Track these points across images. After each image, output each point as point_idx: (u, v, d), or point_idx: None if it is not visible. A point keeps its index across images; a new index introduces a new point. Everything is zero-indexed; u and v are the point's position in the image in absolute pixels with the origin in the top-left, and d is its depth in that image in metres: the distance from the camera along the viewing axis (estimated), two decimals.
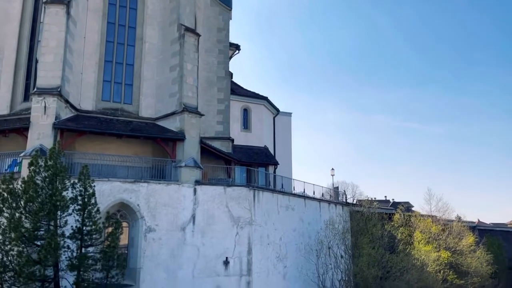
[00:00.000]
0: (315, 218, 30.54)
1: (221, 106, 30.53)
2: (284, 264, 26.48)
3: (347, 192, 46.46)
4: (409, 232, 35.90)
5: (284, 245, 26.83)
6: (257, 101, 34.97)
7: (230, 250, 23.60)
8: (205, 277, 22.77)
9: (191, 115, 25.45)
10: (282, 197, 27.66)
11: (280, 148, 36.75)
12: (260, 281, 24.04)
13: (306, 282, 27.58)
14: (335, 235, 29.17)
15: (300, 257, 27.73)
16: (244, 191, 24.74)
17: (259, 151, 33.32)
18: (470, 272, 36.36)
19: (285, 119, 38.37)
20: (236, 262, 23.49)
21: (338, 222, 30.57)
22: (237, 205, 24.32)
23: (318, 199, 31.99)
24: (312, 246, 28.29)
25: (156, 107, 26.73)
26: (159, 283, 21.70)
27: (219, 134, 30.04)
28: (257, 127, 34.38)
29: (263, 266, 24.58)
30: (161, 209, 22.64)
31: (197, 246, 23.04)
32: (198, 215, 23.47)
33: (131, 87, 26.89)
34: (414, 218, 38.86)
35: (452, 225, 40.97)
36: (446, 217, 43.08)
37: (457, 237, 39.25)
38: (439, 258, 33.48)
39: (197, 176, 24.22)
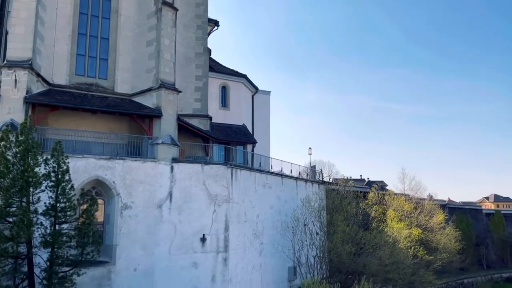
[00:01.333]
0: (292, 196, 30.92)
1: (199, 83, 30.10)
2: (260, 240, 26.83)
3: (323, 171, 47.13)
4: (383, 210, 36.99)
5: (261, 222, 27.13)
6: (236, 79, 34.66)
7: (207, 227, 23.69)
8: (182, 253, 22.87)
9: (168, 91, 25.03)
10: (259, 175, 27.79)
11: (258, 127, 36.72)
12: (237, 257, 24.33)
13: (281, 258, 28.11)
14: (311, 213, 29.70)
15: (276, 234, 28.14)
16: (222, 169, 24.72)
17: (237, 129, 33.22)
18: (439, 248, 37.88)
19: (264, 98, 38.22)
20: (213, 239, 23.65)
21: (314, 200, 31.10)
22: (214, 183, 24.31)
23: (295, 178, 32.31)
24: (288, 224, 28.74)
25: (132, 82, 26.14)
26: (136, 260, 21.68)
27: (197, 111, 29.71)
28: (236, 105, 34.16)
29: (240, 242, 24.83)
30: (137, 186, 22.43)
31: (174, 223, 23.03)
32: (175, 193, 23.38)
33: (106, 61, 26.14)
34: (388, 197, 40.01)
35: (424, 203, 42.39)
36: (419, 196, 44.52)
37: (428, 215, 40.70)
38: (410, 235, 34.67)
39: (174, 154, 24.02)
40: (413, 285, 33.54)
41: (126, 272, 21.33)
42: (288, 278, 29.10)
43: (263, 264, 26.84)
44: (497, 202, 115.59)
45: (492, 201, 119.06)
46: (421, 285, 34.23)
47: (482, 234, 53.90)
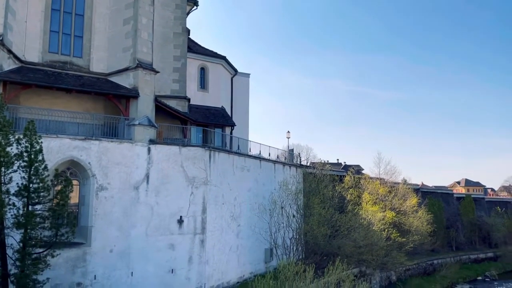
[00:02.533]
0: (270, 179, 31.13)
1: (177, 64, 29.60)
2: (238, 223, 27.03)
3: (301, 154, 47.49)
4: (358, 193, 37.63)
5: (239, 204, 27.29)
6: (215, 60, 34.24)
7: (184, 209, 23.69)
8: (158, 235, 22.85)
9: (145, 71, 24.59)
10: (238, 158, 27.82)
11: (237, 110, 36.55)
12: (214, 239, 24.49)
13: (258, 240, 28.44)
14: (288, 196, 30.03)
15: (254, 216, 28.39)
16: (200, 152, 24.62)
17: (216, 111, 32.99)
18: (412, 231, 38.97)
19: (243, 80, 37.96)
20: (190, 221, 23.69)
21: (291, 183, 31.41)
22: (192, 165, 24.22)
23: (273, 161, 32.48)
24: (266, 206, 29.01)
25: (108, 61, 25.52)
26: (112, 241, 21.56)
27: (175, 92, 29.30)
28: (215, 87, 33.84)
29: (217, 224, 24.96)
30: (113, 167, 22.13)
31: (151, 205, 22.93)
32: (152, 174, 23.20)
33: (81, 39, 25.40)
34: (364, 180, 40.71)
35: (398, 187, 43.34)
36: (393, 180, 45.48)
37: (402, 198, 41.68)
38: (384, 217, 35.50)
39: (151, 135, 23.74)
40: (386, 266, 34.55)
41: (101, 254, 21.21)
42: (264, 259, 29.52)
43: (240, 245, 27.11)
44: (467, 187, 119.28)
45: (463, 185, 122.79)
46: (393, 266, 35.29)
47: (452, 217, 55.64)
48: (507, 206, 65.15)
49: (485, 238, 58.02)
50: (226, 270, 25.40)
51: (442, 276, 43.22)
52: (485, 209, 61.54)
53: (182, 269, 23.20)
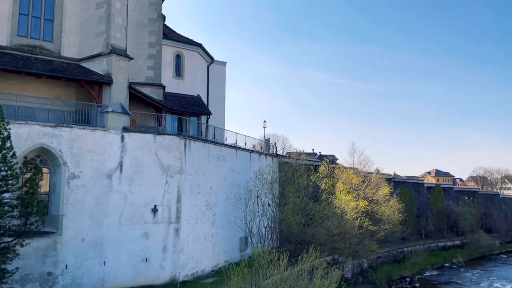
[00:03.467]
0: (246, 168, 31.16)
1: (152, 51, 29.05)
2: (213, 212, 27.00)
3: (277, 144, 47.73)
4: (333, 182, 38.19)
5: (214, 193, 27.23)
6: (191, 48, 33.78)
7: (159, 198, 23.47)
8: (132, 224, 22.60)
9: (119, 57, 24.01)
10: (213, 147, 27.69)
11: (213, 98, 36.27)
12: (189, 228, 24.40)
13: (233, 229, 28.52)
14: (264, 185, 30.16)
15: (229, 205, 28.42)
16: (175, 140, 24.35)
17: (191, 99, 32.63)
18: (383, 220, 39.89)
19: (220, 68, 37.65)
20: (165, 210, 23.50)
21: (267, 172, 31.53)
22: (167, 154, 23.96)
23: (249, 150, 32.50)
24: (241, 195, 29.06)
25: (80, 46, 24.79)
26: (83, 230, 21.19)
27: (150, 80, 28.79)
28: (190, 74, 33.42)
29: (192, 213, 24.86)
30: (85, 155, 21.65)
31: (125, 193, 22.61)
32: (126, 163, 22.84)
33: (52, 22, 24.51)
34: (338, 170, 41.30)
35: (371, 177, 44.20)
36: (367, 170, 46.34)
37: (375, 188, 42.55)
38: (357, 206, 36.17)
39: (125, 123, 23.30)
40: (358, 253, 35.31)
41: (73, 243, 20.84)
42: (239, 248, 29.67)
43: (215, 234, 27.13)
44: (437, 177, 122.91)
45: (433, 175, 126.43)
46: (365, 253, 36.11)
47: (422, 206, 57.32)
48: (474, 195, 67.62)
49: (452, 227, 60.11)
50: (200, 259, 25.40)
51: (412, 263, 44.59)
52: (454, 198, 63.65)
53: (156, 258, 23.06)
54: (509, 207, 76.95)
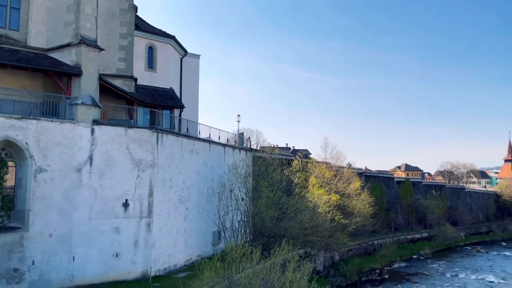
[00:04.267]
0: (219, 163, 31.04)
1: (124, 42, 28.42)
2: (186, 206, 26.78)
3: (251, 138, 47.80)
4: (305, 176, 38.58)
5: (187, 188, 27.00)
6: (164, 40, 33.21)
7: (130, 192, 23.08)
8: (102, 219, 22.16)
9: (89, 48, 23.38)
10: (186, 141, 27.41)
11: (186, 91, 35.85)
12: (161, 222, 24.12)
13: (206, 223, 28.41)
14: (238, 179, 30.13)
15: (202, 200, 28.26)
16: (147, 133, 23.96)
17: (164, 92, 32.15)
18: (355, 213, 40.65)
19: (193, 61, 37.22)
20: (137, 204, 23.14)
21: (241, 166, 31.51)
22: (139, 147, 23.56)
23: (223, 144, 32.36)
24: (215, 189, 28.95)
25: (48, 36, 23.98)
26: (51, 225, 20.63)
27: (121, 71, 28.19)
28: (163, 67, 32.89)
29: (165, 208, 24.58)
30: (53, 148, 21.03)
31: (95, 187, 22.13)
32: (96, 156, 22.33)
33: (18, 11, 23.60)
34: (311, 164, 41.75)
35: (343, 171, 44.90)
36: (339, 164, 47.05)
37: (347, 182, 43.26)
38: (329, 200, 36.68)
39: (95, 115, 22.75)
40: (330, 246, 35.86)
41: (40, 238, 20.27)
42: (212, 242, 29.60)
43: (188, 229, 26.95)
44: (407, 171, 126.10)
45: (403, 170, 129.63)
46: (336, 246, 36.71)
47: (392, 200, 58.70)
48: (441, 189, 69.72)
49: (421, 220, 61.84)
50: (173, 253, 25.19)
51: (382, 255, 45.66)
52: (422, 192, 65.44)
53: (128, 253, 22.71)
54: (474, 201, 79.81)
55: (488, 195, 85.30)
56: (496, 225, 78.09)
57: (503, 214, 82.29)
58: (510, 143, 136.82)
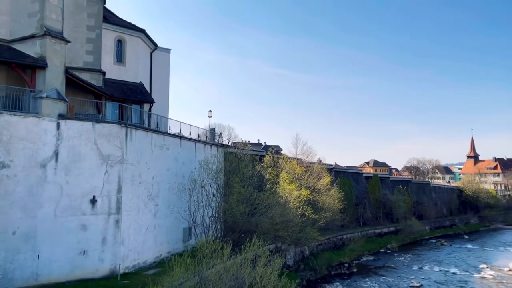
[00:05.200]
0: (190, 158, 30.80)
1: (92, 34, 27.66)
2: (155, 202, 26.45)
3: (223, 134, 47.66)
4: (277, 172, 38.78)
5: (157, 184, 26.66)
6: (134, 33, 32.53)
7: (98, 188, 22.57)
8: (69, 216, 21.59)
9: (54, 40, 22.63)
10: (156, 136, 27.03)
11: (156, 86, 35.31)
12: (130, 219, 23.73)
13: (177, 219, 28.17)
14: (209, 175, 29.99)
15: (173, 196, 27.99)
16: (116, 128, 23.46)
17: (133, 87, 31.54)
18: (324, 208, 41.22)
19: (164, 56, 36.66)
20: (105, 201, 22.66)
21: (212, 162, 31.36)
22: (107, 143, 23.06)
23: (194, 140, 32.10)
24: (185, 185, 28.72)
25: (11, 27, 23.06)
26: (14, 223, 19.93)
27: (89, 65, 27.45)
28: (133, 61, 32.25)
29: (134, 204, 24.19)
30: (17, 143, 20.30)
31: (61, 184, 21.52)
32: (62, 152, 21.70)
33: None
34: (282, 160, 41.99)
35: (313, 167, 45.45)
36: (309, 160, 47.61)
37: (317, 177, 43.81)
38: (300, 195, 37.04)
39: (61, 110, 22.08)
40: (300, 241, 36.25)
41: (3, 236, 19.60)
42: (183, 238, 29.38)
43: (158, 225, 26.64)
44: (375, 167, 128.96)
45: (371, 165, 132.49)
46: (306, 241, 37.15)
47: (361, 195, 59.97)
48: (408, 184, 71.74)
49: (388, 214, 63.49)
50: (142, 250, 24.85)
51: (350, 249, 46.62)
52: (390, 187, 67.14)
53: (95, 251, 22.24)
54: (439, 196, 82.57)
55: (452, 190, 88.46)
56: (458, 219, 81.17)
57: (465, 208, 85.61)
58: (473, 140, 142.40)
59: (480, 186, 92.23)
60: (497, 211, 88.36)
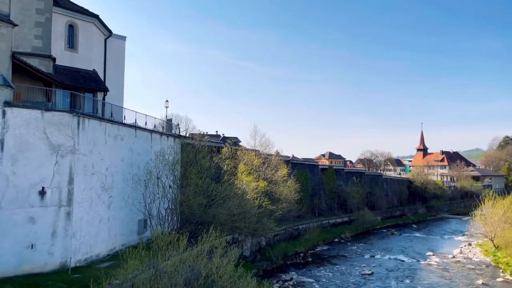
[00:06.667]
0: (146, 149, 30.17)
1: (41, 18, 26.27)
2: (109, 194, 25.74)
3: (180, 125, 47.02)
4: (235, 164, 38.83)
5: (111, 175, 25.94)
6: (86, 18, 31.19)
7: (47, 179, 21.64)
8: (16, 208, 20.58)
9: (0, 23, 21.29)
10: (111, 126, 26.23)
11: (111, 74, 34.15)
12: (82, 211, 22.96)
13: (132, 211, 27.59)
14: (165, 166, 29.54)
15: (127, 187, 27.35)
16: (67, 117, 22.53)
17: (86, 74, 30.35)
18: (281, 199, 41.82)
19: (119, 43, 35.46)
20: (55, 192, 21.77)
21: (169, 153, 30.90)
22: (57, 132, 22.11)
23: (149, 130, 31.44)
24: (141, 177, 28.15)
25: None
26: None
27: (37, 50, 26.10)
28: (85, 47, 30.96)
29: (86, 196, 23.42)
30: None
31: (6, 174, 20.46)
32: (8, 141, 20.61)
33: None
34: (240, 152, 42.10)
35: (271, 158, 45.89)
36: (267, 152, 48.00)
37: (274, 169, 44.30)
38: (257, 187, 37.34)
39: (7, 97, 20.90)
40: (257, 232, 36.62)
41: None
42: (138, 230, 28.84)
43: (111, 217, 25.98)
44: (331, 159, 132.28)
45: (327, 158, 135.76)
46: (263, 232, 37.58)
47: (317, 186, 61.30)
48: (361, 176, 74.10)
49: (342, 205, 65.36)
50: (95, 243, 24.16)
51: (306, 239, 47.68)
52: (344, 179, 69.08)
53: (45, 244, 21.37)
54: (390, 187, 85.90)
55: (402, 182, 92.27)
56: (408, 209, 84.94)
57: (414, 199, 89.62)
58: (422, 134, 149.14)
59: (428, 178, 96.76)
60: (443, 202, 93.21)
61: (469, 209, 57.86)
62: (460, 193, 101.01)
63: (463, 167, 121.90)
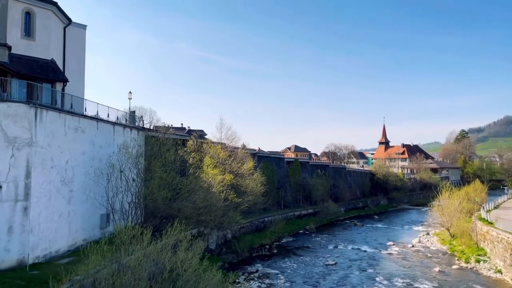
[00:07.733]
0: (108, 142, 29.40)
1: None
2: (70, 188, 24.95)
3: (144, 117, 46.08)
4: (200, 157, 38.53)
5: (71, 168, 25.13)
6: (44, 5, 29.81)
7: (3, 173, 20.75)
8: None
9: None
10: (71, 118, 25.36)
11: (71, 64, 32.88)
12: (40, 206, 22.13)
13: (93, 206, 26.89)
14: (128, 159, 28.93)
15: (89, 181, 26.61)
16: (23, 109, 21.59)
17: (44, 64, 29.09)
18: (247, 192, 41.97)
19: (79, 32, 34.14)
20: (11, 187, 20.88)
21: (132, 146, 30.26)
22: (13, 124, 21.17)
23: (112, 123, 30.62)
24: (103, 170, 27.47)
25: None
26: None
27: None
28: (43, 36, 29.63)
29: (45, 190, 22.58)
30: None
31: None
32: None
33: None
34: (206, 145, 41.81)
35: (237, 151, 45.90)
36: (233, 145, 47.95)
37: (240, 162, 44.35)
38: (223, 180, 37.26)
39: None
40: (223, 225, 36.61)
41: None
42: (100, 225, 28.17)
43: (72, 212, 25.21)
44: (296, 152, 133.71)
45: (293, 151, 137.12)
46: (229, 225, 37.62)
47: (282, 179, 61.90)
48: (326, 169, 75.44)
49: (307, 197, 66.37)
50: (54, 239, 23.39)
51: (271, 231, 48.12)
52: (309, 171, 70.09)
53: (0, 240, 20.53)
54: (353, 179, 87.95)
55: (365, 174, 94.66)
56: (370, 201, 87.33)
57: (376, 190, 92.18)
58: (384, 127, 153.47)
59: (390, 170, 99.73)
60: (404, 193, 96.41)
61: (428, 200, 60.05)
62: (419, 185, 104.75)
63: (422, 160, 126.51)
